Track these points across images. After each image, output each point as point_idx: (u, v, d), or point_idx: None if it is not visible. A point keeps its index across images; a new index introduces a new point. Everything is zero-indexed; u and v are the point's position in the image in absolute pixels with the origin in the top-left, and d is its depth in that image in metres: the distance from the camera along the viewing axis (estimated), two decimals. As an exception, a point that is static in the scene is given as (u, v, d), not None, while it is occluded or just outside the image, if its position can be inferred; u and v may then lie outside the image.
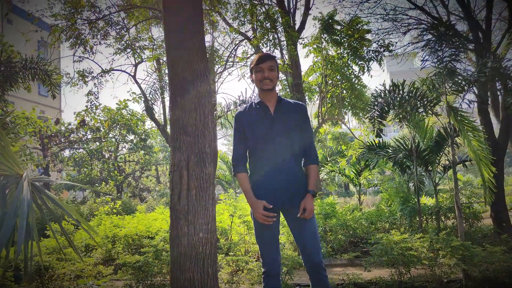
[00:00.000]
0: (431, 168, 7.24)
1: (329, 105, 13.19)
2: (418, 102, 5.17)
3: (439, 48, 4.77)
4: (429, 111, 5.21)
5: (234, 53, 9.67)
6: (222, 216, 9.39)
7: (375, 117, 5.57)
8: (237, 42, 10.29)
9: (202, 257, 2.67)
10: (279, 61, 11.23)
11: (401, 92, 5.41)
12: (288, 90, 11.93)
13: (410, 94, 5.30)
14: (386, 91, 5.62)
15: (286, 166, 2.83)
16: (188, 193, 2.72)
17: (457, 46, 4.71)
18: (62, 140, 18.50)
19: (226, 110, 6.60)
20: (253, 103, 3.00)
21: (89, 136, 18.78)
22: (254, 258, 6.21)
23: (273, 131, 2.86)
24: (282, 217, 2.98)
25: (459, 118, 5.07)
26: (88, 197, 20.18)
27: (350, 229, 7.89)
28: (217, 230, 8.40)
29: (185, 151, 2.77)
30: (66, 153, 19.88)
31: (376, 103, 5.69)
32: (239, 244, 6.95)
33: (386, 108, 5.56)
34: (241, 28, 10.27)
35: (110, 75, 9.24)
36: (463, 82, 5.21)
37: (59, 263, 5.67)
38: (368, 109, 5.99)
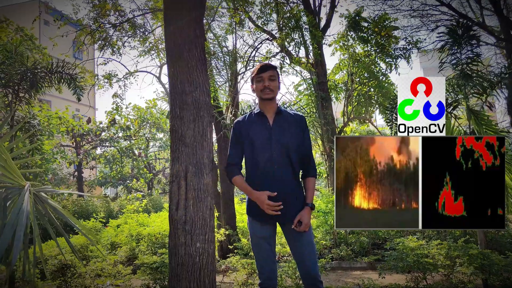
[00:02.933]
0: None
1: (355, 103, 12.95)
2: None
3: (457, 51, 4.61)
4: (448, 115, 5.04)
5: (255, 51, 9.61)
6: (244, 216, 9.44)
7: (393, 120, 5.44)
8: (261, 41, 10.24)
9: (199, 267, 2.70)
10: (303, 60, 11.14)
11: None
12: (312, 89, 11.79)
13: (429, 97, 5.13)
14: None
15: (283, 178, 2.79)
16: (186, 203, 2.75)
17: (472, 49, 4.53)
18: (94, 138, 19.05)
19: (242, 114, 6.61)
20: (253, 113, 2.98)
21: (120, 135, 19.25)
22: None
23: (271, 142, 2.82)
24: (279, 228, 2.97)
25: (480, 122, 4.89)
26: (120, 193, 20.74)
27: (372, 231, 7.76)
28: (238, 230, 8.46)
29: (183, 161, 2.80)
30: (98, 151, 20.47)
31: (394, 105, 5.55)
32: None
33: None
34: (266, 27, 10.23)
35: (135, 77, 9.44)
36: (485, 84, 5.03)
37: (80, 262, 5.85)
38: (386, 112, 5.86)
